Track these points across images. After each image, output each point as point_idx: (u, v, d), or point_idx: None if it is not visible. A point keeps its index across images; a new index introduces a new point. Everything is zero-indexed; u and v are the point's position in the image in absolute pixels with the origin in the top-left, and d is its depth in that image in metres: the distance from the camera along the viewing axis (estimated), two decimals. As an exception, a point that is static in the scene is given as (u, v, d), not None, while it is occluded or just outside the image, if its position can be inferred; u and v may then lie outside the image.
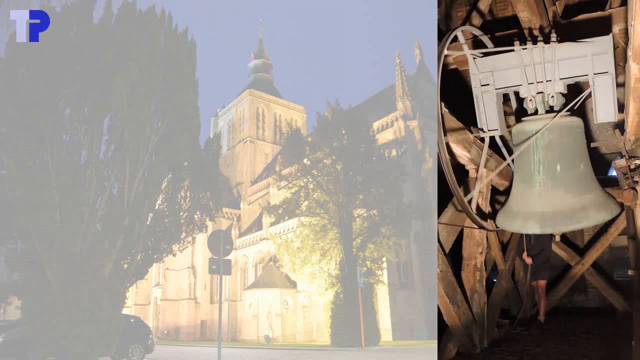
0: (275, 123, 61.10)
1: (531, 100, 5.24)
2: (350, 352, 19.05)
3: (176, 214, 13.89)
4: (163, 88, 12.73)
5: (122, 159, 12.11)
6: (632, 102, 4.69)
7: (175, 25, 13.93)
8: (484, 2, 6.33)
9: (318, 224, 25.43)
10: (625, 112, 5.28)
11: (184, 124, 13.23)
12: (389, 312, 31.17)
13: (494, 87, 5.29)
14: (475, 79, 5.32)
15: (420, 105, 39.88)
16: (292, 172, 27.89)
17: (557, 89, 5.08)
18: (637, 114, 4.89)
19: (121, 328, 12.09)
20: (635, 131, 5.24)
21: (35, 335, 11.02)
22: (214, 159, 15.09)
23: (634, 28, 3.81)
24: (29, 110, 11.13)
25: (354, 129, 25.90)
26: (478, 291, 6.84)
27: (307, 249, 25.60)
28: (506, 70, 5.17)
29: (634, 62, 4.15)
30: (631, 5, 3.88)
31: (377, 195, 24.62)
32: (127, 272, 12.53)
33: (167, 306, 48.38)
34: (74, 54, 11.75)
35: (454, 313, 6.38)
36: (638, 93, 4.51)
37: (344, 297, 23.30)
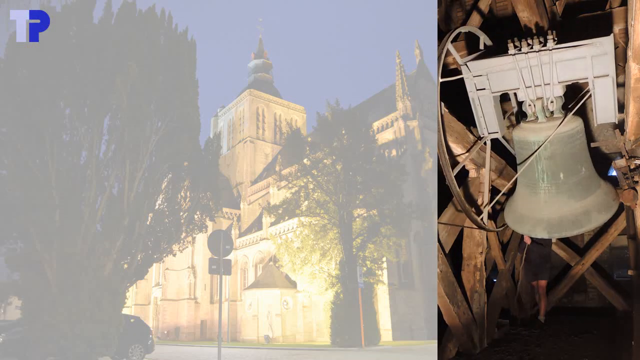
0: (275, 123, 61.11)
1: (530, 106, 5.15)
2: (350, 352, 19.05)
3: (176, 214, 13.89)
4: (163, 88, 12.74)
5: (122, 159, 12.11)
6: (632, 102, 4.69)
7: (175, 25, 13.95)
8: (484, 2, 6.33)
9: (318, 224, 25.43)
10: (625, 112, 5.28)
11: (184, 124, 13.24)
12: (389, 312, 31.17)
13: (491, 90, 5.13)
14: (470, 83, 5.13)
15: (420, 105, 39.89)
16: (292, 172, 27.89)
17: (556, 92, 4.93)
18: (637, 114, 4.89)
19: (121, 328, 12.08)
20: (635, 131, 5.24)
21: (35, 335, 11.01)
22: (214, 159, 15.09)
23: (634, 28, 3.81)
24: (29, 110, 11.13)
25: (354, 129, 25.90)
26: (478, 291, 6.85)
27: (307, 249, 25.60)
28: (502, 73, 4.95)
29: (634, 62, 4.15)
30: (631, 5, 3.88)
31: (377, 195, 24.62)
32: (127, 272, 12.53)
33: (167, 306, 48.37)
34: (74, 54, 11.75)
35: (454, 313, 6.38)
36: (638, 93, 4.51)
37: (344, 297, 23.30)
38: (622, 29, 5.25)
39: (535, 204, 5.73)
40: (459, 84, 5.22)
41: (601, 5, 5.56)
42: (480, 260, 6.78)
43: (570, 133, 5.23)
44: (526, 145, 5.42)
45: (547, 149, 5.27)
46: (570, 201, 5.54)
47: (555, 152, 5.32)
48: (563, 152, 5.33)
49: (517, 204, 6.05)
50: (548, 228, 5.65)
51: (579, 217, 5.54)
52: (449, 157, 5.07)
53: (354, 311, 22.10)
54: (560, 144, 5.25)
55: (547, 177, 5.50)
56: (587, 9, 5.57)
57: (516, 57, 4.69)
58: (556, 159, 5.37)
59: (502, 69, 4.90)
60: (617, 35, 5.24)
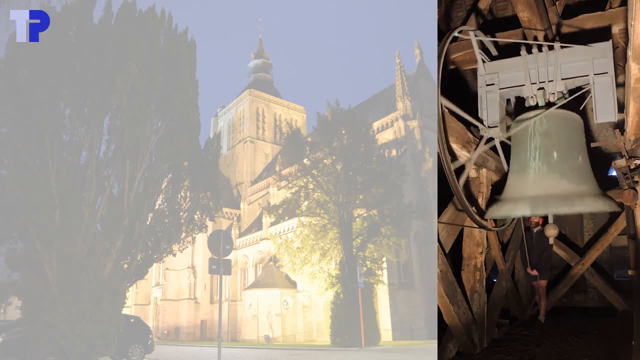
0: (275, 123, 61.11)
1: (532, 97, 5.40)
2: (350, 352, 19.05)
3: (176, 214, 13.89)
4: (163, 88, 12.74)
5: (122, 159, 12.11)
6: (632, 102, 4.69)
7: (175, 25, 13.95)
8: (484, 2, 6.33)
9: (318, 224, 25.43)
10: (625, 112, 5.28)
11: (184, 124, 13.24)
12: (389, 312, 31.17)
13: (498, 87, 5.51)
14: (482, 79, 5.54)
15: (420, 105, 39.88)
16: (292, 172, 27.89)
17: (558, 88, 5.26)
18: (637, 114, 4.89)
19: (121, 328, 12.08)
20: (635, 131, 5.24)
21: (35, 335, 11.01)
22: (214, 159, 15.08)
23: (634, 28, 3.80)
24: (29, 110, 11.13)
25: (354, 129, 25.90)
26: (478, 291, 6.84)
27: (307, 249, 25.60)
28: (511, 72, 5.44)
29: (634, 62, 4.15)
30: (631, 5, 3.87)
31: (377, 195, 24.62)
32: (127, 272, 12.53)
33: (167, 306, 48.37)
34: (74, 54, 11.75)
35: (454, 313, 6.38)
36: (638, 93, 4.51)
37: (344, 297, 23.30)
38: (622, 29, 5.25)
39: (521, 184, 5.51)
40: (459, 84, 5.24)
41: (601, 5, 5.56)
42: (480, 260, 6.78)
43: (568, 117, 5.34)
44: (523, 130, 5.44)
45: (543, 124, 5.29)
46: (562, 181, 5.31)
47: (551, 129, 5.30)
48: (559, 131, 5.32)
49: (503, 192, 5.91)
50: (532, 205, 5.35)
51: (572, 198, 5.28)
52: (449, 157, 5.07)
53: (354, 311, 22.10)
54: (556, 121, 5.29)
55: (540, 154, 5.37)
56: (587, 9, 5.56)
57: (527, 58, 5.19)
58: (551, 137, 5.34)
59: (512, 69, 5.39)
60: (617, 35, 5.24)
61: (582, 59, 5.01)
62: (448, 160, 4.91)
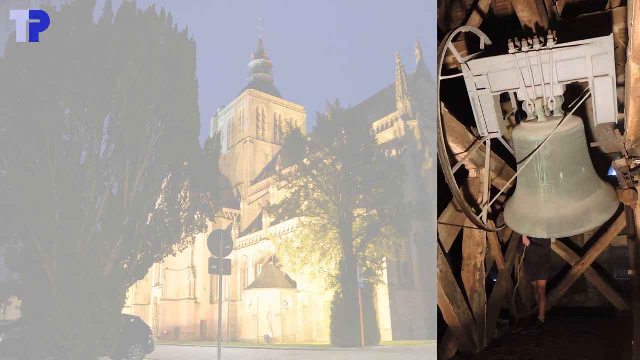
0: (275, 123, 61.12)
1: (530, 105, 5.16)
2: (350, 352, 19.05)
3: (176, 214, 13.89)
4: (163, 88, 12.74)
5: (122, 159, 12.11)
6: (632, 102, 4.69)
7: (175, 25, 13.95)
8: (484, 2, 6.32)
9: (318, 224, 25.43)
10: (625, 112, 5.28)
11: (184, 124, 13.24)
12: (389, 312, 31.18)
13: (491, 90, 5.13)
14: (470, 82, 5.13)
15: (420, 105, 39.88)
16: (292, 172, 27.89)
17: (556, 92, 4.94)
18: (637, 114, 4.89)
19: (121, 328, 12.09)
20: (635, 131, 5.24)
21: (35, 335, 11.01)
22: (214, 159, 15.09)
23: (634, 28, 3.81)
24: (29, 110, 11.13)
25: (354, 129, 25.90)
26: (478, 291, 6.84)
27: (307, 249, 25.60)
28: (502, 72, 4.96)
29: (634, 62, 4.15)
30: (631, 5, 3.87)
31: (377, 195, 24.62)
32: (127, 272, 12.53)
33: (167, 306, 48.37)
34: (74, 54, 11.75)
35: (454, 313, 6.38)
36: (638, 93, 4.51)
37: (344, 297, 23.30)
38: (622, 29, 5.25)
39: (535, 203, 5.69)
40: (459, 84, 5.21)
41: (601, 5, 5.56)
42: (480, 260, 6.78)
43: (570, 132, 5.22)
44: (526, 144, 5.41)
45: (547, 149, 5.26)
46: (570, 201, 5.50)
47: (555, 151, 5.30)
48: (563, 152, 5.32)
49: (516, 204, 6.03)
50: (547, 228, 5.61)
51: (579, 217, 5.50)
52: (449, 157, 5.06)
53: (354, 311, 22.10)
54: (560, 143, 5.24)
55: (547, 176, 5.47)
56: (587, 9, 5.56)
57: (516, 56, 4.67)
58: (556, 158, 5.35)
59: (502, 68, 4.88)
60: (617, 35, 5.23)
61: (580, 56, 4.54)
62: (447, 162, 4.91)
